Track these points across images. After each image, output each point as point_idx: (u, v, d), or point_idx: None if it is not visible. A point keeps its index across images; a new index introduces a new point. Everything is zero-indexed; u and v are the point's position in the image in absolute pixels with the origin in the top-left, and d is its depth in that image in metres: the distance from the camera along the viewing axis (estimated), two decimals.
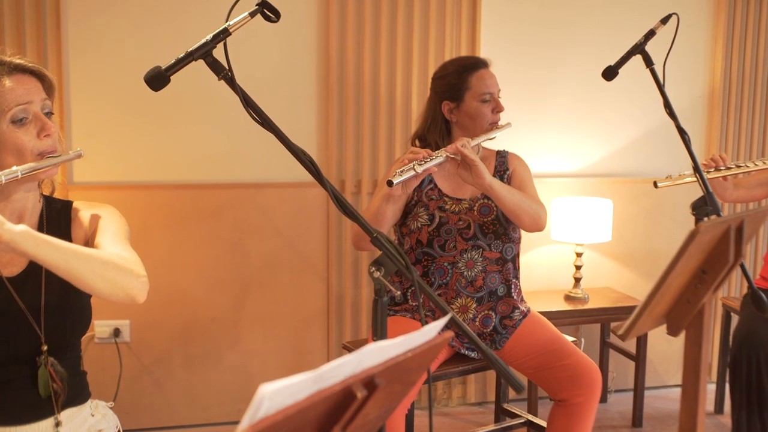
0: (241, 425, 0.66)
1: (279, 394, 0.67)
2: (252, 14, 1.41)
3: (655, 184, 2.35)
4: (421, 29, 3.06)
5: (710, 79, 3.47)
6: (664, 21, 2.12)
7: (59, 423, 1.51)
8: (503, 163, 2.41)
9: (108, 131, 2.89)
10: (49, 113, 1.50)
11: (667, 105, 2.05)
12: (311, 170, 1.40)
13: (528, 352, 2.28)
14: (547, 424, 2.27)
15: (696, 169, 2.06)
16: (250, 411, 0.65)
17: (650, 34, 2.10)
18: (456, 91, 2.31)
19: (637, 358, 3.12)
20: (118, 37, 2.85)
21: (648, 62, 2.09)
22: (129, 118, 2.90)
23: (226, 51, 1.39)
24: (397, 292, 2.05)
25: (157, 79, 1.38)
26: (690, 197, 2.11)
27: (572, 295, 3.16)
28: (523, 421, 2.65)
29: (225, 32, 1.39)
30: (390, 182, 1.96)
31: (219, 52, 1.40)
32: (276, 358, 3.11)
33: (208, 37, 1.38)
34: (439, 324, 0.90)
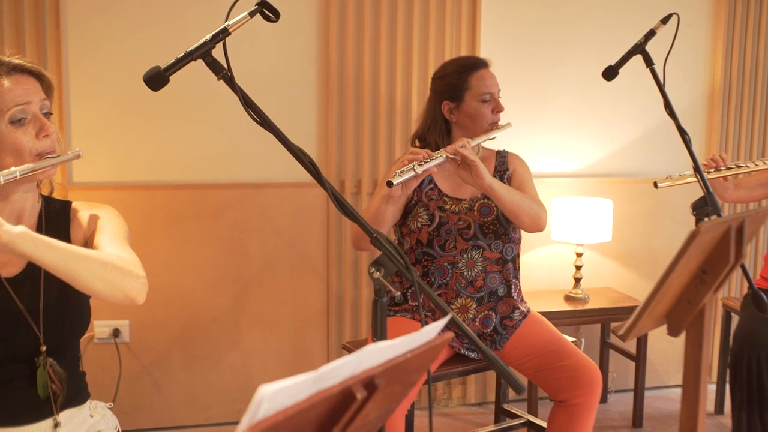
0: (240, 426, 0.65)
1: (278, 395, 0.67)
2: (251, 14, 1.40)
3: (656, 185, 2.35)
4: (421, 29, 3.06)
5: (710, 79, 3.46)
6: (665, 21, 2.12)
7: (58, 424, 1.51)
8: (503, 163, 2.41)
9: (108, 131, 2.89)
10: (48, 113, 1.50)
11: (668, 105, 2.04)
12: (311, 170, 1.39)
13: (528, 353, 2.28)
14: (548, 425, 2.27)
15: (696, 169, 2.05)
16: (250, 412, 0.65)
17: (650, 34, 2.10)
18: (456, 91, 2.31)
19: (638, 359, 3.11)
20: (118, 37, 2.85)
21: (648, 62, 2.09)
22: (129, 119, 2.90)
23: (226, 51, 1.39)
24: (397, 293, 2.05)
25: (156, 79, 1.38)
26: (690, 197, 2.11)
27: (572, 296, 3.15)
28: (523, 422, 2.64)
29: (224, 32, 1.39)
30: (390, 183, 1.96)
31: (219, 52, 1.40)
32: (276, 359, 3.11)
33: (208, 37, 1.38)
34: (439, 325, 0.90)
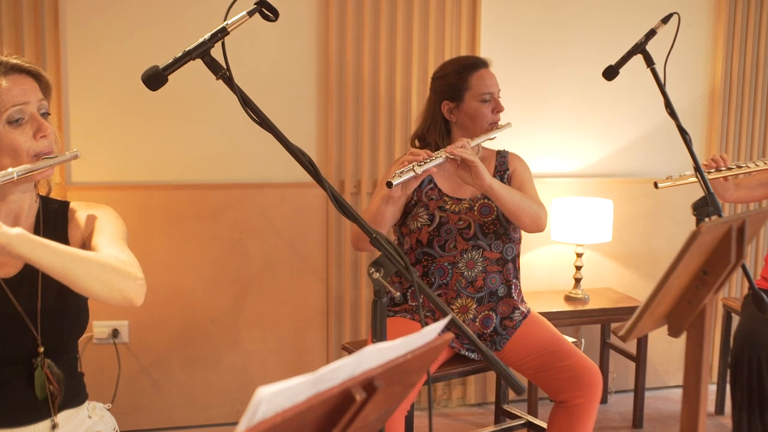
0: (239, 428, 0.65)
1: (277, 397, 0.66)
2: (250, 13, 1.40)
3: (656, 185, 2.35)
4: (421, 29, 3.06)
5: (711, 79, 3.46)
6: (665, 20, 2.11)
7: (56, 425, 1.50)
8: (503, 163, 2.40)
9: (107, 131, 2.88)
10: (46, 114, 1.49)
11: (668, 105, 2.04)
12: (310, 170, 1.39)
13: (528, 353, 2.27)
14: (548, 426, 2.26)
15: (697, 170, 2.05)
16: (248, 414, 0.65)
17: (651, 34, 2.10)
18: (456, 91, 2.31)
19: (638, 359, 3.11)
20: (117, 37, 2.84)
21: (649, 62, 2.08)
22: (128, 118, 2.89)
23: (224, 50, 1.38)
24: (397, 293, 2.05)
25: (155, 79, 1.37)
26: (690, 198, 2.11)
27: (572, 296, 3.15)
28: (523, 422, 2.64)
29: (223, 31, 1.38)
30: (389, 183, 1.95)
31: (218, 52, 1.39)
32: (275, 359, 3.11)
33: (206, 37, 1.37)
34: (439, 325, 0.89)
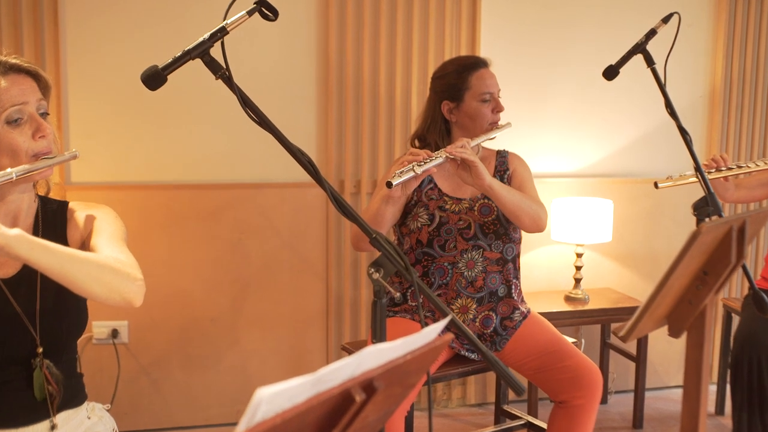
0: (238, 429, 0.65)
1: (276, 398, 0.66)
2: (250, 13, 1.39)
3: (656, 185, 2.34)
4: (421, 29, 3.05)
5: (711, 79, 3.46)
6: (666, 20, 2.11)
7: (55, 426, 1.50)
8: (503, 163, 2.40)
9: (106, 131, 2.88)
10: (45, 114, 1.49)
11: (669, 105, 2.03)
12: (310, 170, 1.39)
13: (528, 354, 2.27)
14: (548, 426, 2.26)
15: (697, 170, 2.04)
16: (247, 415, 0.64)
17: (651, 34, 2.09)
18: (456, 91, 2.30)
19: (638, 359, 3.11)
20: (117, 37, 2.84)
21: (649, 62, 2.08)
22: (127, 118, 2.89)
23: (224, 50, 1.38)
24: (397, 294, 2.04)
25: (154, 79, 1.37)
26: (690, 198, 2.11)
27: (572, 296, 3.14)
28: (523, 423, 2.64)
29: (222, 31, 1.38)
30: (389, 184, 1.94)
31: (217, 52, 1.39)
32: (275, 359, 3.10)
33: (206, 36, 1.37)
34: (439, 326, 0.89)
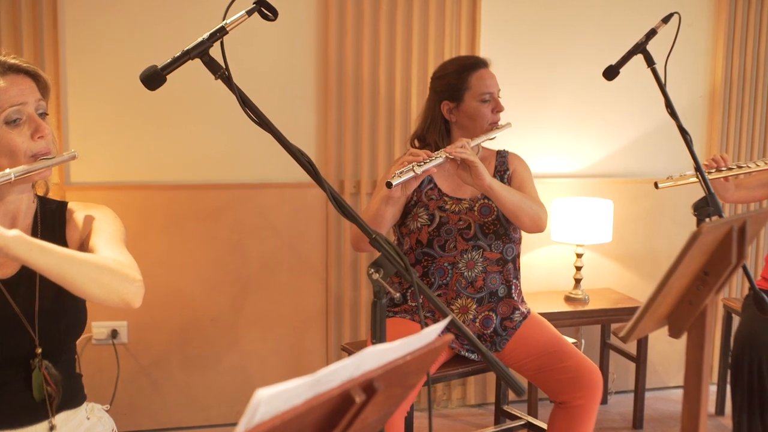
0: (237, 430, 0.64)
1: (275, 399, 0.66)
2: (249, 12, 1.39)
3: (656, 185, 2.34)
4: (421, 29, 3.05)
5: (711, 79, 3.45)
6: (666, 20, 2.10)
7: (53, 426, 1.50)
8: (503, 163, 2.40)
9: (106, 131, 2.87)
10: (44, 114, 1.49)
11: (669, 105, 2.03)
12: (309, 171, 1.38)
13: (528, 354, 2.26)
14: (548, 427, 2.26)
15: (698, 170, 2.04)
16: (246, 416, 0.64)
17: (651, 34, 2.09)
18: (455, 91, 2.30)
19: (638, 360, 3.10)
20: (116, 38, 2.84)
21: (649, 62, 2.08)
22: (127, 119, 2.88)
23: (223, 50, 1.38)
24: (397, 294, 2.04)
25: (153, 78, 1.36)
26: (690, 198, 2.10)
27: (572, 296, 3.14)
28: (523, 423, 2.63)
29: (222, 31, 1.37)
30: (389, 184, 1.94)
31: (217, 52, 1.38)
32: (275, 359, 3.10)
33: (205, 36, 1.37)
34: (439, 327, 0.89)
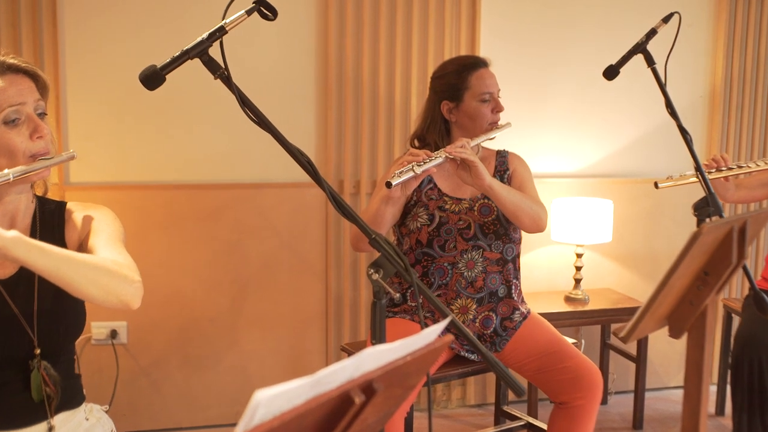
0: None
1: (275, 400, 0.65)
2: (248, 12, 1.39)
3: (656, 185, 2.34)
4: (421, 29, 3.05)
5: (711, 79, 3.45)
6: (666, 20, 2.10)
7: (52, 427, 1.49)
8: (503, 163, 2.39)
9: (105, 132, 2.87)
10: (43, 114, 1.48)
11: (669, 105, 2.03)
12: (309, 170, 1.38)
13: (528, 355, 2.26)
14: (548, 427, 2.25)
15: (698, 170, 2.04)
16: (245, 418, 0.64)
17: (652, 33, 2.09)
18: (455, 91, 2.30)
19: (638, 360, 3.10)
20: (116, 38, 2.83)
21: (649, 61, 2.07)
22: (126, 119, 2.88)
23: (222, 49, 1.37)
24: (396, 294, 2.03)
25: (152, 78, 1.36)
26: (690, 198, 2.10)
27: (572, 297, 3.14)
28: (523, 424, 2.63)
29: (221, 30, 1.37)
30: (389, 184, 1.94)
31: (216, 51, 1.38)
32: (274, 360, 3.10)
33: (204, 36, 1.36)
34: (439, 327, 0.88)
